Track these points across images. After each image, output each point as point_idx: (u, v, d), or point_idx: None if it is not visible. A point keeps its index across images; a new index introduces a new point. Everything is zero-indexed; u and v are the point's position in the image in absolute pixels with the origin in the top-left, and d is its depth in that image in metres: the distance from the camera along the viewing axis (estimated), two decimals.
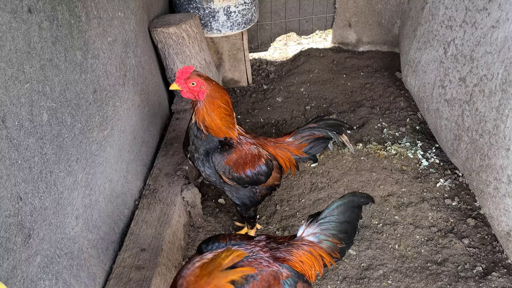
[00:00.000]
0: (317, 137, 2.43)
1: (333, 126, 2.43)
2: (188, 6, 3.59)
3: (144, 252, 2.21)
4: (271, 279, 1.65)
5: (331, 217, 1.85)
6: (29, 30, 1.58)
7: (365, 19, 4.51)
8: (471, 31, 2.61)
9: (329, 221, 1.85)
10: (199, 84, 2.09)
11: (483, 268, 2.36)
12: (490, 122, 2.37)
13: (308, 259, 1.81)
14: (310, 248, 1.83)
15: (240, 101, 4.06)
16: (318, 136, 2.43)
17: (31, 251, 1.56)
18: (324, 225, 1.85)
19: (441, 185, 2.89)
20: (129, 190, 2.53)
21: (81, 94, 1.98)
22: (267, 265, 1.67)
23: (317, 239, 1.85)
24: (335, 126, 2.43)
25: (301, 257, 1.80)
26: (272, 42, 4.83)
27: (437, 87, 3.03)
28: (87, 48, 2.07)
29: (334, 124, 2.44)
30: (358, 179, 2.99)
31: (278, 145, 2.40)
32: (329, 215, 1.85)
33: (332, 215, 1.85)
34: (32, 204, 1.57)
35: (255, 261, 1.66)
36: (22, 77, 1.53)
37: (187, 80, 2.08)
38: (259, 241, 1.79)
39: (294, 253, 1.79)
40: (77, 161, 1.93)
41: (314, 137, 2.43)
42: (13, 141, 1.47)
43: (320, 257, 1.84)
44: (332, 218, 1.85)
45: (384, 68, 4.29)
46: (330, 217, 1.85)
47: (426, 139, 3.30)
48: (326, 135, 2.42)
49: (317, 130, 2.42)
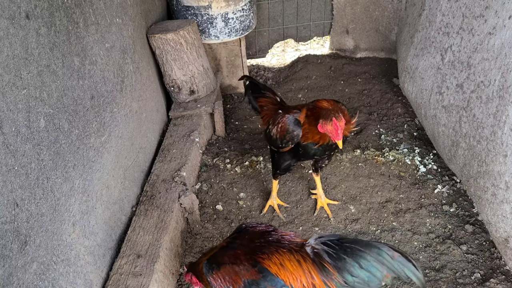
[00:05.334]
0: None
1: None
2: (186, 12, 3.60)
3: (141, 258, 2.19)
4: (232, 274, 1.73)
5: (347, 251, 1.59)
6: (26, 36, 1.58)
7: (362, 26, 4.53)
8: (468, 38, 2.62)
9: (338, 248, 1.61)
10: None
11: (481, 274, 2.35)
12: (487, 128, 2.37)
13: (291, 266, 1.68)
14: (300, 258, 1.70)
15: (238, 107, 4.06)
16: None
17: (27, 258, 1.55)
18: (331, 249, 1.62)
19: (439, 191, 2.89)
20: (126, 196, 2.52)
21: (79, 100, 1.98)
22: (233, 261, 1.75)
23: (312, 255, 1.69)
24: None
25: (283, 260, 1.70)
26: (270, 49, 4.84)
27: (434, 93, 3.04)
28: (85, 54, 2.07)
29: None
30: (356, 186, 2.99)
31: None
32: (347, 245, 1.59)
33: (350, 247, 1.58)
34: (29, 210, 1.56)
35: (232, 252, 1.80)
36: (20, 83, 1.53)
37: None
38: (247, 234, 1.86)
39: (279, 254, 1.71)
40: (74, 167, 1.92)
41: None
42: (10, 147, 1.47)
43: (310, 274, 1.66)
44: (347, 251, 1.58)
45: (381, 75, 4.30)
46: (346, 250, 1.59)
47: (423, 145, 3.30)
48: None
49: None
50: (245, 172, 3.20)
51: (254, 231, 1.90)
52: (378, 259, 1.52)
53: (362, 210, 2.81)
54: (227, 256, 1.81)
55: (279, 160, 2.58)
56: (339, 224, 2.73)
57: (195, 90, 3.45)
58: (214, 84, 3.64)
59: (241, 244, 1.84)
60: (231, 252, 1.82)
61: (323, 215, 2.80)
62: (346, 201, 2.89)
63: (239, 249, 1.82)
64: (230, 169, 3.22)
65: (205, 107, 3.39)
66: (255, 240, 1.84)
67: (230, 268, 1.77)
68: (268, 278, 1.70)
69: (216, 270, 1.81)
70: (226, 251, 1.85)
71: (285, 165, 2.59)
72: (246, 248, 1.81)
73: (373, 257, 1.52)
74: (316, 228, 2.71)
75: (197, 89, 3.45)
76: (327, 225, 2.73)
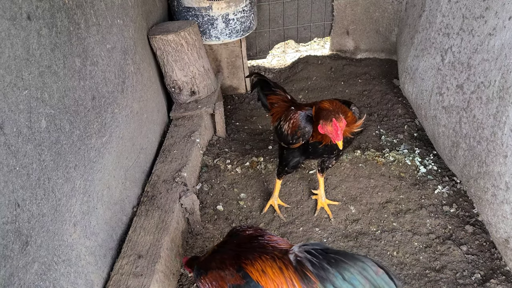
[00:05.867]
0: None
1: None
2: (187, 13, 3.61)
3: (142, 259, 2.20)
4: (219, 279, 1.76)
5: (331, 261, 1.56)
6: (28, 37, 1.59)
7: (362, 27, 4.54)
8: (468, 39, 2.62)
9: (322, 258, 1.59)
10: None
11: (481, 275, 2.35)
12: (487, 129, 2.38)
13: (272, 273, 1.66)
14: (282, 265, 1.67)
15: (239, 108, 4.06)
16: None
17: (28, 258, 1.55)
18: (315, 258, 1.60)
19: (439, 192, 2.89)
20: (127, 196, 2.52)
21: (80, 101, 1.99)
22: (220, 266, 1.79)
23: (295, 262, 1.65)
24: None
25: (265, 267, 1.68)
26: (270, 50, 4.84)
27: (434, 94, 3.04)
28: (86, 55, 2.07)
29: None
30: (356, 186, 3.00)
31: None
32: (332, 256, 1.58)
33: (334, 258, 1.56)
34: (30, 210, 1.57)
35: (219, 257, 1.83)
36: (21, 84, 1.54)
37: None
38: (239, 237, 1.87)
39: (262, 261, 1.70)
40: (75, 167, 1.92)
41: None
42: (11, 148, 1.47)
43: (291, 282, 1.64)
44: (331, 262, 1.56)
45: (381, 75, 4.31)
46: (330, 260, 1.57)
47: (424, 146, 3.30)
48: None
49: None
50: (246, 172, 3.21)
51: (243, 235, 1.88)
52: (362, 273, 1.49)
53: (363, 210, 2.82)
54: (215, 261, 1.83)
55: (288, 157, 2.59)
56: (339, 225, 2.74)
57: (196, 91, 3.45)
58: (215, 85, 3.64)
59: (230, 248, 1.84)
60: (219, 256, 1.84)
61: (324, 215, 2.80)
62: (347, 201, 2.90)
63: (226, 253, 1.82)
64: (230, 170, 3.22)
65: (205, 108, 3.40)
66: (241, 245, 1.83)
67: (216, 273, 1.79)
68: (252, 284, 1.68)
69: (203, 276, 1.84)
70: (215, 256, 1.86)
71: (294, 162, 2.60)
72: (233, 253, 1.80)
73: (357, 271, 1.50)
74: (317, 228, 2.72)
75: (198, 90, 3.46)
76: (328, 226, 2.74)
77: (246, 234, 1.89)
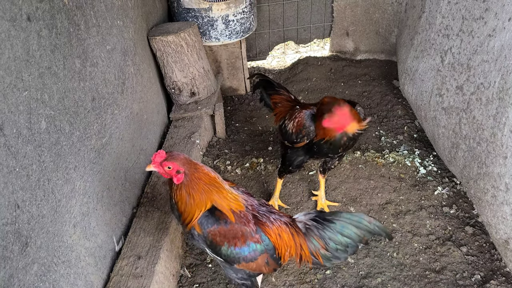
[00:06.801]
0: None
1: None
2: (186, 14, 3.61)
3: (142, 260, 2.20)
4: (239, 234, 1.80)
5: (331, 223, 1.86)
6: (28, 38, 1.59)
7: (362, 28, 4.54)
8: (467, 40, 2.62)
9: (326, 224, 1.86)
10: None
11: (481, 276, 2.35)
12: (487, 130, 2.38)
13: (287, 238, 1.87)
14: (293, 231, 1.89)
15: (238, 109, 4.06)
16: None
17: (28, 260, 1.55)
18: (319, 224, 1.88)
19: (439, 193, 2.89)
20: (127, 198, 2.52)
21: (80, 102, 1.99)
22: (244, 222, 1.82)
23: (304, 229, 1.90)
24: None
25: (281, 232, 1.87)
26: (270, 51, 4.85)
27: (434, 95, 3.04)
28: (86, 56, 2.08)
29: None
30: (356, 187, 3.00)
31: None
32: (331, 219, 1.86)
33: (333, 220, 1.85)
34: (30, 212, 1.57)
35: (241, 214, 1.85)
36: (21, 85, 1.54)
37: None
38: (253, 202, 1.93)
39: (278, 225, 1.88)
40: (75, 169, 1.92)
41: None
42: (11, 149, 1.47)
43: (300, 247, 1.89)
44: (331, 224, 1.85)
45: (381, 77, 4.31)
46: (331, 223, 1.86)
47: (423, 147, 3.30)
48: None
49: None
50: (246, 173, 3.21)
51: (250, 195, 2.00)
52: (359, 226, 1.83)
53: (362, 211, 2.82)
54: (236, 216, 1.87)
55: (292, 156, 2.59)
56: None
57: (196, 92, 3.45)
58: (215, 86, 3.64)
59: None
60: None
61: None
62: (346, 202, 2.90)
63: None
64: (230, 171, 3.22)
65: (205, 109, 3.40)
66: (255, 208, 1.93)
67: (238, 228, 1.84)
68: (269, 246, 1.86)
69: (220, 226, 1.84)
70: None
71: (298, 161, 2.59)
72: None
73: (353, 225, 1.83)
74: None
75: (197, 91, 3.46)
76: None
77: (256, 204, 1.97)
